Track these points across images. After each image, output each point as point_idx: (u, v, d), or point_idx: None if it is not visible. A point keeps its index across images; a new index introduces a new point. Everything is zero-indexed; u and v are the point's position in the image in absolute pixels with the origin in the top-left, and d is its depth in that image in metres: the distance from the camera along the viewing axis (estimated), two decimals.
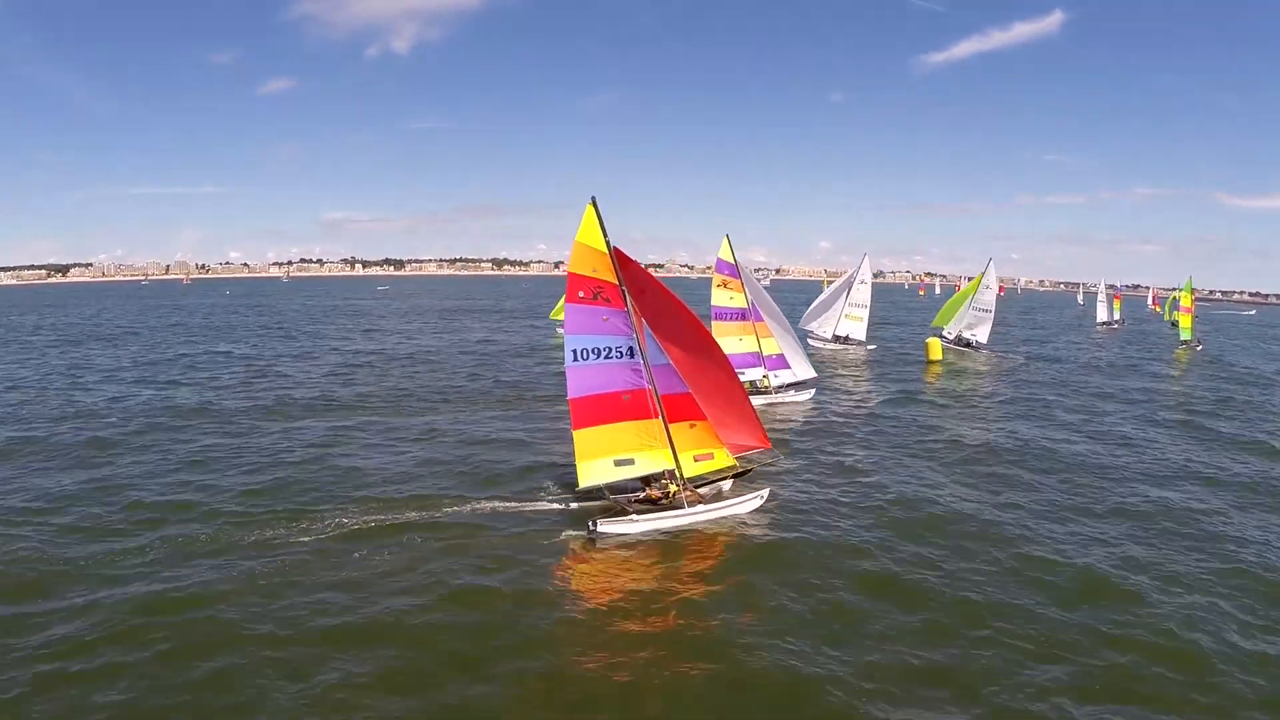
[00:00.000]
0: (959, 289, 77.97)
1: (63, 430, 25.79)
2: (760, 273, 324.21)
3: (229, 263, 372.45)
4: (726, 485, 18.95)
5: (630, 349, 17.27)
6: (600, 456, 17.24)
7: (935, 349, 47.81)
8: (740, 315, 32.54)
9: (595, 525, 16.44)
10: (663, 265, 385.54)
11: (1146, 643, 12.57)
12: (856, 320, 51.74)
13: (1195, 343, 62.01)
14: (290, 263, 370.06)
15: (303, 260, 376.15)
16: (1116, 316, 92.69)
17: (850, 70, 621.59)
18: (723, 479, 18.82)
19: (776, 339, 33.19)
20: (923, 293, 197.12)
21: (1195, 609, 13.78)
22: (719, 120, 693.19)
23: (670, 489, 17.66)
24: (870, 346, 52.59)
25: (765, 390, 32.45)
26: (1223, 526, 18.20)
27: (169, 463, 21.79)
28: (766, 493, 18.67)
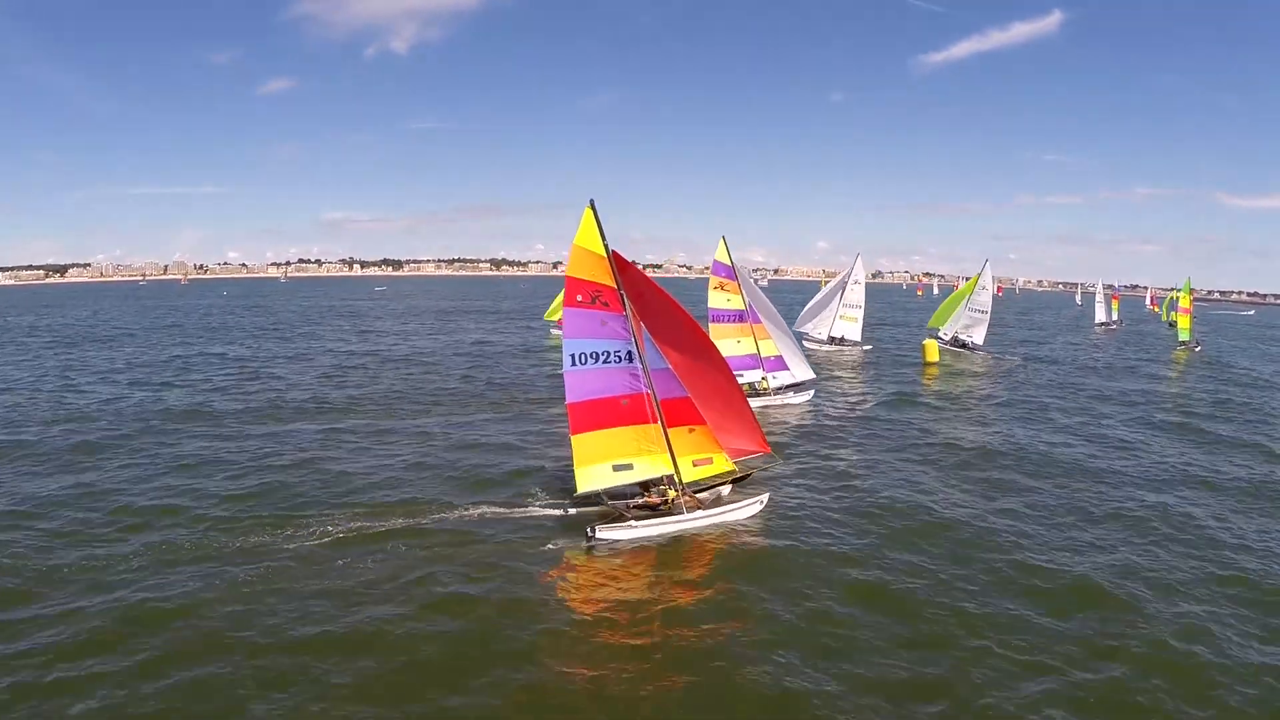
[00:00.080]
0: (957, 289, 77.84)
1: (53, 433, 25.62)
2: (758, 273, 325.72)
3: (227, 263, 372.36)
4: (725, 490, 18.81)
5: (629, 353, 17.13)
6: (598, 462, 17.09)
7: (932, 351, 47.76)
8: (738, 317, 32.48)
9: (594, 531, 16.33)
10: (661, 265, 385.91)
11: (1142, 654, 12.43)
12: (852, 321, 51.78)
13: (1194, 343, 62.02)
14: (288, 263, 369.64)
15: (301, 260, 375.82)
16: (1114, 317, 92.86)
17: (849, 70, 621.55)
18: (722, 484, 18.70)
19: (774, 340, 33.14)
20: (920, 293, 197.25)
21: (1192, 618, 13.64)
22: (718, 120, 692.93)
23: (669, 494, 17.55)
24: (866, 347, 52.56)
25: (764, 392, 32.37)
26: (1221, 532, 18.09)
27: (157, 467, 21.63)
28: (766, 498, 18.57)
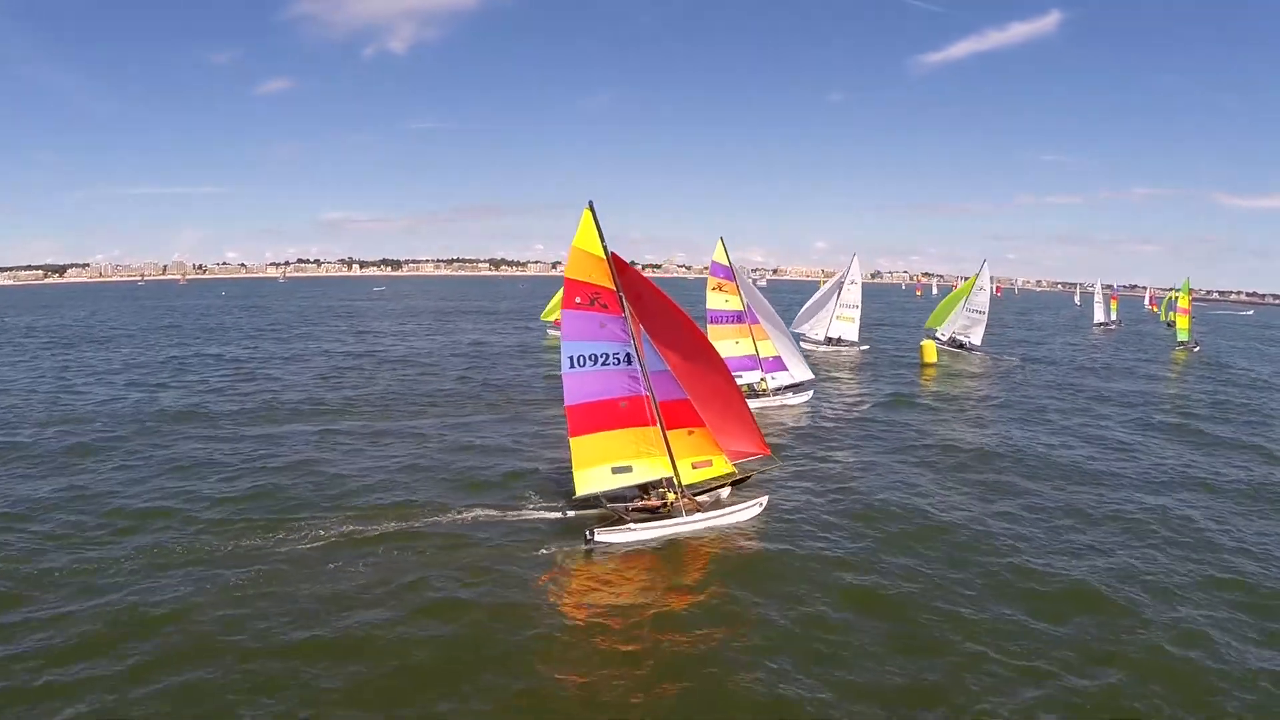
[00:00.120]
0: (956, 289, 77.84)
1: (48, 434, 25.50)
2: (757, 273, 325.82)
3: (226, 263, 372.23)
4: (725, 493, 18.75)
5: (628, 355, 17.06)
6: (597, 464, 17.01)
7: (930, 352, 47.64)
8: (736, 318, 32.40)
9: (593, 535, 16.23)
10: (660, 265, 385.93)
11: (1140, 659, 12.32)
12: (848, 321, 51.70)
13: (1193, 344, 62.05)
14: (287, 263, 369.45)
15: (300, 261, 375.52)
16: (1113, 317, 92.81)
17: (848, 70, 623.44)
18: (721, 486, 18.63)
19: (773, 341, 33.09)
20: (919, 293, 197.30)
21: (1191, 622, 13.52)
22: (717, 120, 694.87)
23: (668, 497, 17.46)
24: (863, 347, 52.51)
25: (763, 393, 32.30)
26: (1220, 536, 17.98)
27: (150, 469, 21.50)
28: (765, 500, 18.50)
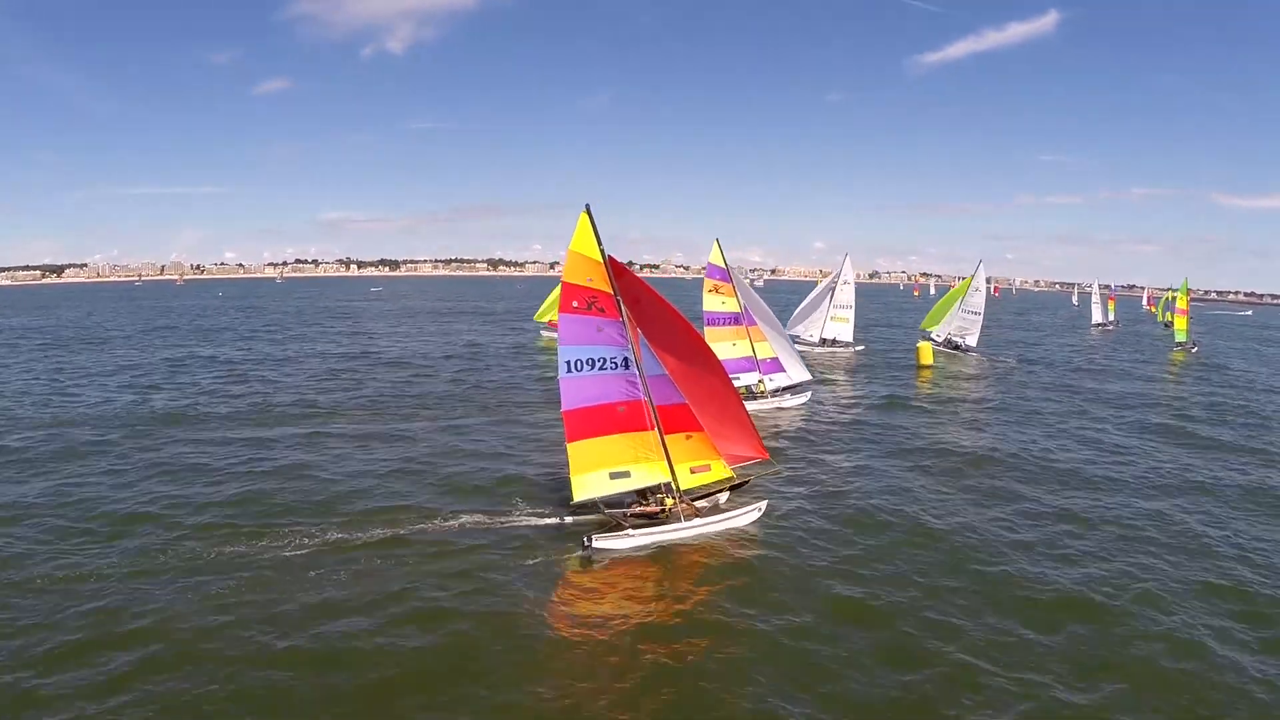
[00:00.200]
0: (952, 290, 77.76)
1: (38, 437, 25.32)
2: (755, 273, 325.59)
3: (224, 263, 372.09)
4: (723, 497, 18.65)
5: (625, 360, 16.97)
6: (595, 470, 16.91)
7: (926, 354, 47.47)
8: (733, 320, 32.26)
9: (590, 541, 16.10)
10: (658, 266, 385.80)
11: (1134, 670, 12.22)
12: (843, 322, 51.58)
13: (1191, 345, 62.02)
14: (285, 263, 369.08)
15: (298, 261, 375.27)
16: (1111, 318, 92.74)
17: (846, 70, 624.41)
18: (720, 491, 18.53)
19: (770, 342, 32.97)
20: (917, 293, 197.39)
21: (1187, 632, 13.41)
22: (716, 120, 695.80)
23: (667, 502, 17.34)
24: (858, 348, 52.44)
25: (760, 395, 32.21)
26: (1218, 541, 17.86)
27: (138, 473, 21.35)
28: (764, 505, 18.35)
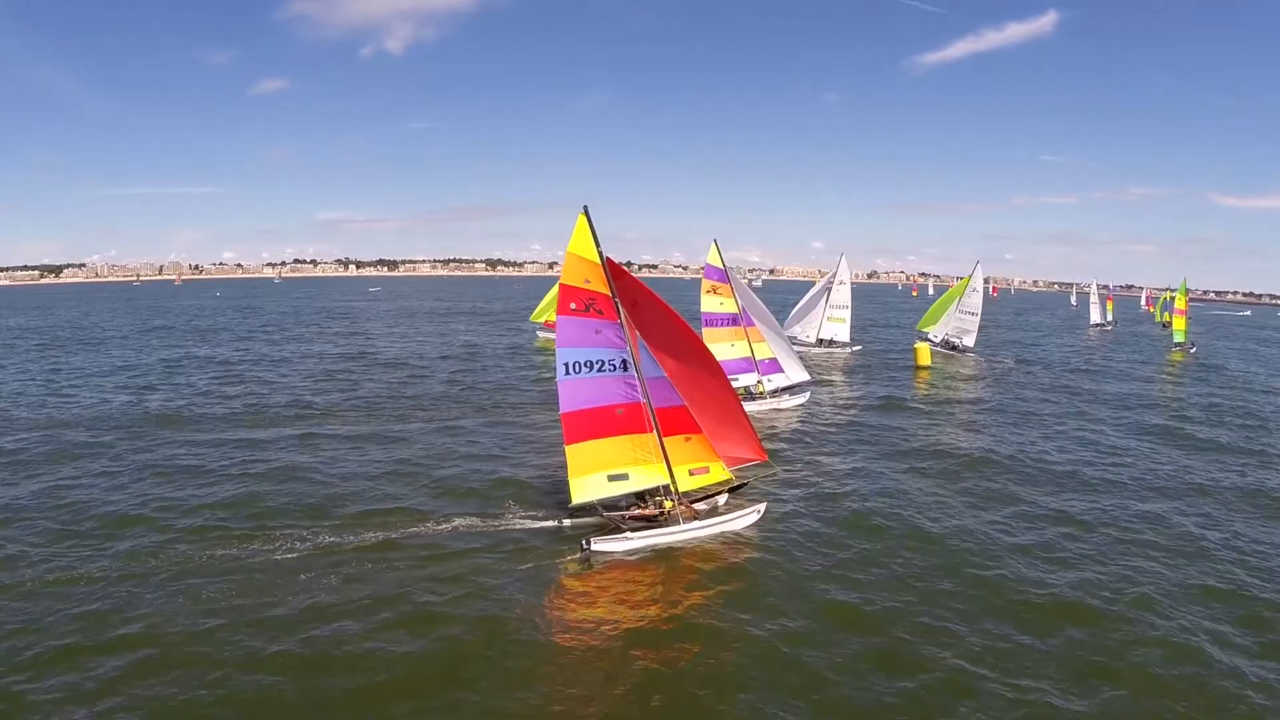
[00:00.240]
0: (949, 290, 77.80)
1: (32, 438, 25.17)
2: (753, 273, 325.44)
3: (222, 263, 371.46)
4: (722, 500, 18.59)
5: (624, 362, 16.90)
6: (593, 472, 16.85)
7: (924, 355, 47.34)
8: (731, 321, 32.16)
9: (589, 544, 16.01)
10: (656, 266, 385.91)
11: (1131, 675, 12.12)
12: (839, 322, 51.49)
13: (1189, 345, 62.03)
14: (283, 263, 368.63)
15: (296, 261, 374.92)
16: (1109, 318, 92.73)
17: (845, 71, 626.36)
18: (719, 493, 18.47)
19: (768, 343, 32.87)
20: (915, 293, 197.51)
21: (1184, 636, 13.30)
22: (715, 120, 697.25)
23: (666, 505, 17.27)
24: (855, 348, 52.35)
25: (759, 396, 32.14)
26: (1216, 545, 17.74)
27: (131, 475, 21.23)
28: (763, 508, 18.28)
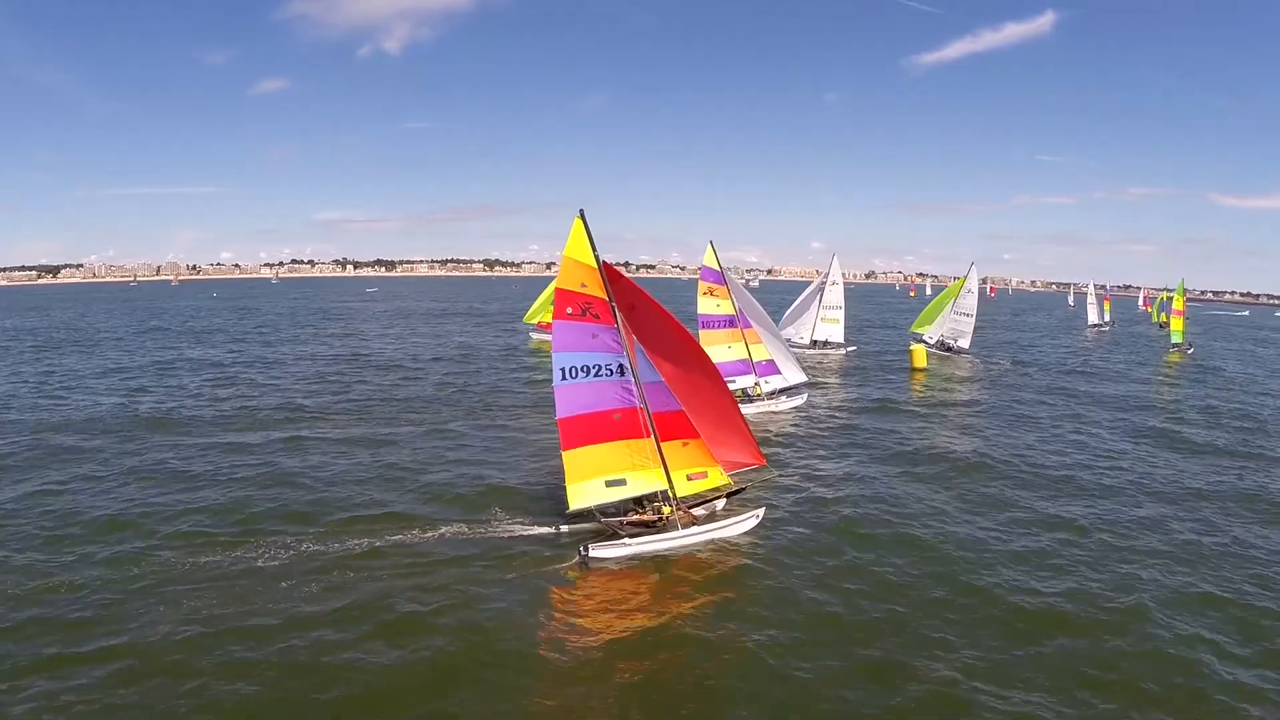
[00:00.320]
0: (945, 290, 77.69)
1: (22, 442, 25.01)
2: (751, 273, 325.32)
3: (220, 264, 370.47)
4: (720, 504, 18.47)
5: (621, 366, 16.76)
6: (591, 478, 16.69)
7: (920, 357, 47.06)
8: (728, 322, 32.04)
9: (587, 550, 15.90)
10: (654, 266, 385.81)
11: (1126, 684, 12.00)
12: (833, 323, 51.36)
13: (1187, 346, 61.98)
14: (280, 264, 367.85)
15: (294, 261, 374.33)
16: (1106, 319, 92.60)
17: (844, 71, 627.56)
18: (717, 498, 18.36)
19: (765, 344, 32.73)
20: (913, 294, 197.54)
21: (1184, 644, 13.22)
22: (713, 120, 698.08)
23: (664, 510, 17.13)
24: (850, 348, 52.21)
25: (757, 398, 32.03)
26: (1214, 550, 17.67)
27: (117, 478, 21.12)
28: (761, 513, 18.15)
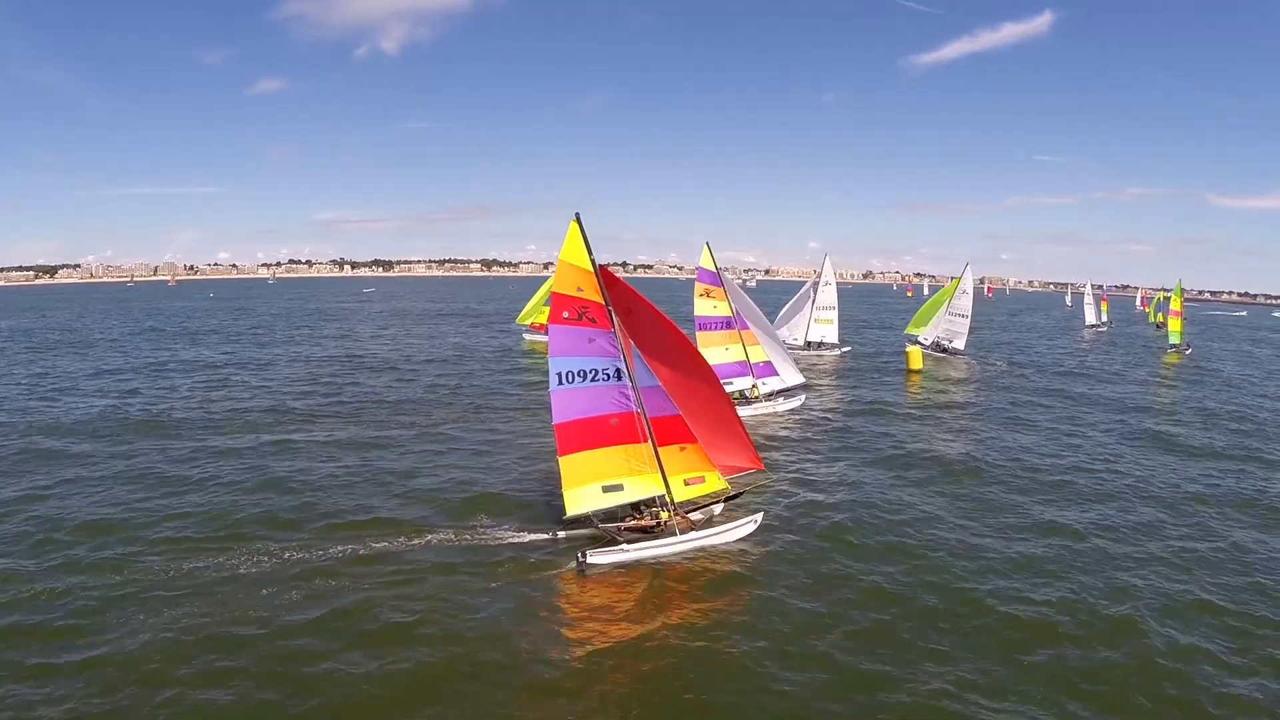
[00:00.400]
0: (941, 290, 77.58)
1: (12, 446, 24.80)
2: (749, 273, 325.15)
3: (217, 264, 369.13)
4: (718, 509, 18.37)
5: (617, 371, 16.65)
6: (588, 483, 16.58)
7: (916, 358, 46.80)
8: (725, 324, 31.95)
9: (585, 556, 15.77)
10: (651, 266, 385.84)
11: (1125, 694, 11.88)
12: (827, 324, 51.27)
13: (1184, 346, 61.96)
14: (278, 264, 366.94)
15: (291, 261, 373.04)
16: (1103, 319, 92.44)
17: (842, 71, 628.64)
18: (714, 503, 18.25)
19: (763, 346, 32.64)
20: (910, 294, 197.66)
21: (1178, 652, 13.09)
22: (712, 121, 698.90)
23: (662, 516, 17.02)
24: (845, 349, 52.12)
25: (754, 400, 31.95)
26: (1212, 554, 17.56)
27: (103, 482, 20.95)
28: (759, 518, 18.03)
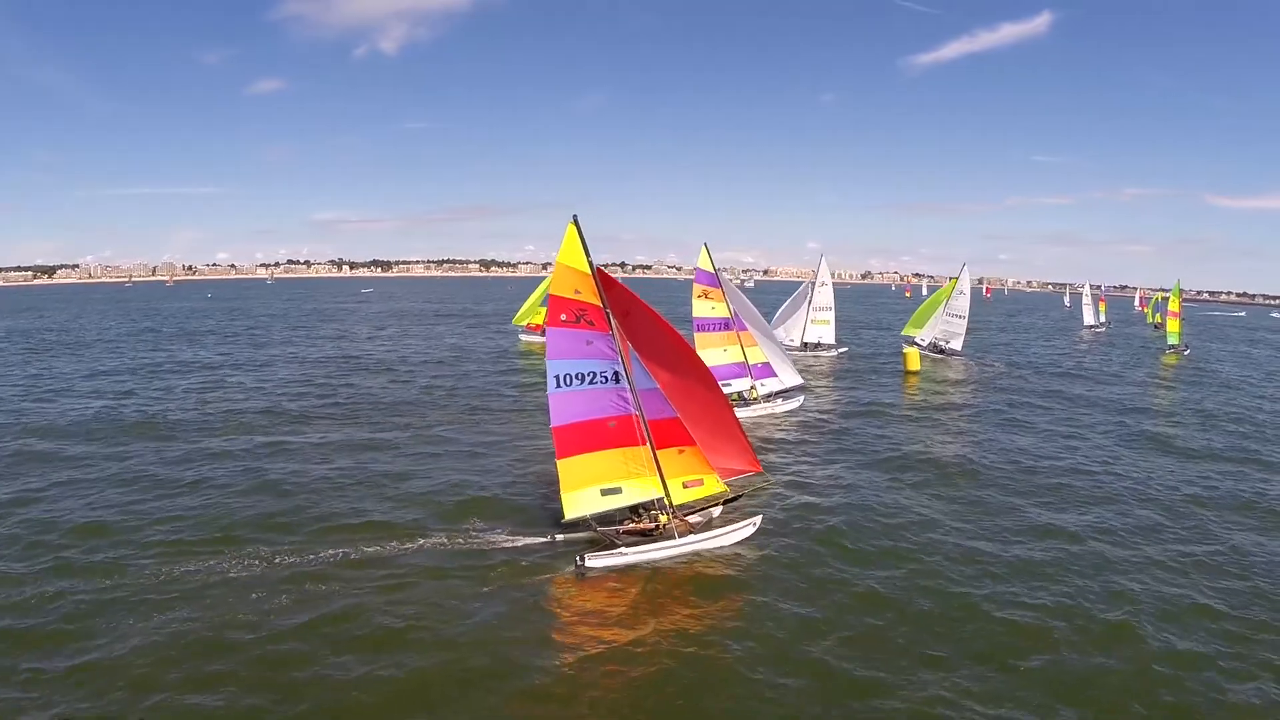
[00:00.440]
0: (938, 291, 77.54)
1: (5, 449, 24.66)
2: (747, 274, 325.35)
3: (216, 264, 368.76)
4: (716, 511, 18.33)
5: (615, 373, 16.61)
6: (586, 486, 16.56)
7: (913, 359, 46.68)
8: (723, 325, 31.94)
9: (583, 560, 15.72)
10: (650, 266, 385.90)
11: (1123, 699, 11.84)
12: (824, 324, 51.28)
13: (1183, 347, 61.95)
14: (276, 264, 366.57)
15: (290, 261, 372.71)
16: (1101, 320, 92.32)
17: (841, 71, 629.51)
18: (713, 506, 18.21)
19: (761, 347, 32.64)
20: (908, 294, 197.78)
21: (1175, 657, 13.02)
22: (711, 121, 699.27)
23: (660, 519, 16.97)
24: (842, 350, 52.09)
25: (753, 401, 31.92)
26: (1210, 556, 17.51)
27: (95, 484, 20.86)
28: (758, 520, 17.99)
